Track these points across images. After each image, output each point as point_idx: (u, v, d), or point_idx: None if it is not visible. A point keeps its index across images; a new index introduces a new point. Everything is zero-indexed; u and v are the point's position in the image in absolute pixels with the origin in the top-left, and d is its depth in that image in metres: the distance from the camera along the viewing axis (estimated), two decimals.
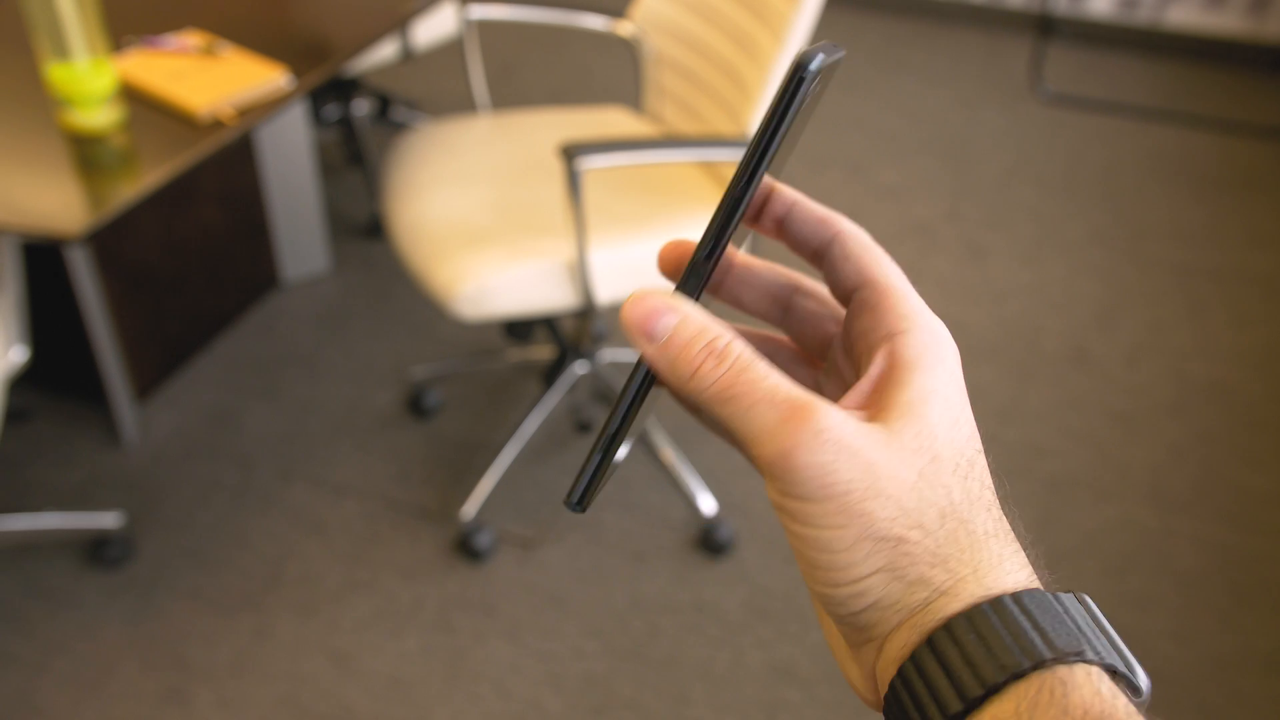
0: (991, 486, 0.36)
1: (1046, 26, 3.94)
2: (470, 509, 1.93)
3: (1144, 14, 3.86)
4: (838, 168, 3.10)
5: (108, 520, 1.85)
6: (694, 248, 0.37)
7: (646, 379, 0.37)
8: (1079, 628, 0.33)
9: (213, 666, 1.70)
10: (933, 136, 3.29)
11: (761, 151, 0.36)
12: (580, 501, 0.37)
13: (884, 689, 0.35)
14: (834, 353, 0.42)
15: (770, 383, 0.34)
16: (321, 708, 1.65)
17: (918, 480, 0.34)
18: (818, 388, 0.42)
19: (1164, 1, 3.82)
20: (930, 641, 0.33)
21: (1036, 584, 0.35)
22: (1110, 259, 2.76)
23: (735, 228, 0.36)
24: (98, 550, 1.84)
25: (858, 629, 0.35)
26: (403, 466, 2.06)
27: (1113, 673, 0.32)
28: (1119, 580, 1.90)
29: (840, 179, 3.03)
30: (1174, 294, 2.64)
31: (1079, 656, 0.31)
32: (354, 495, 2.00)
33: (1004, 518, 0.36)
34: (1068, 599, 0.34)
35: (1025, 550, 0.36)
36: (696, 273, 0.37)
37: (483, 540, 1.89)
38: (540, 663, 1.73)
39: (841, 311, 0.41)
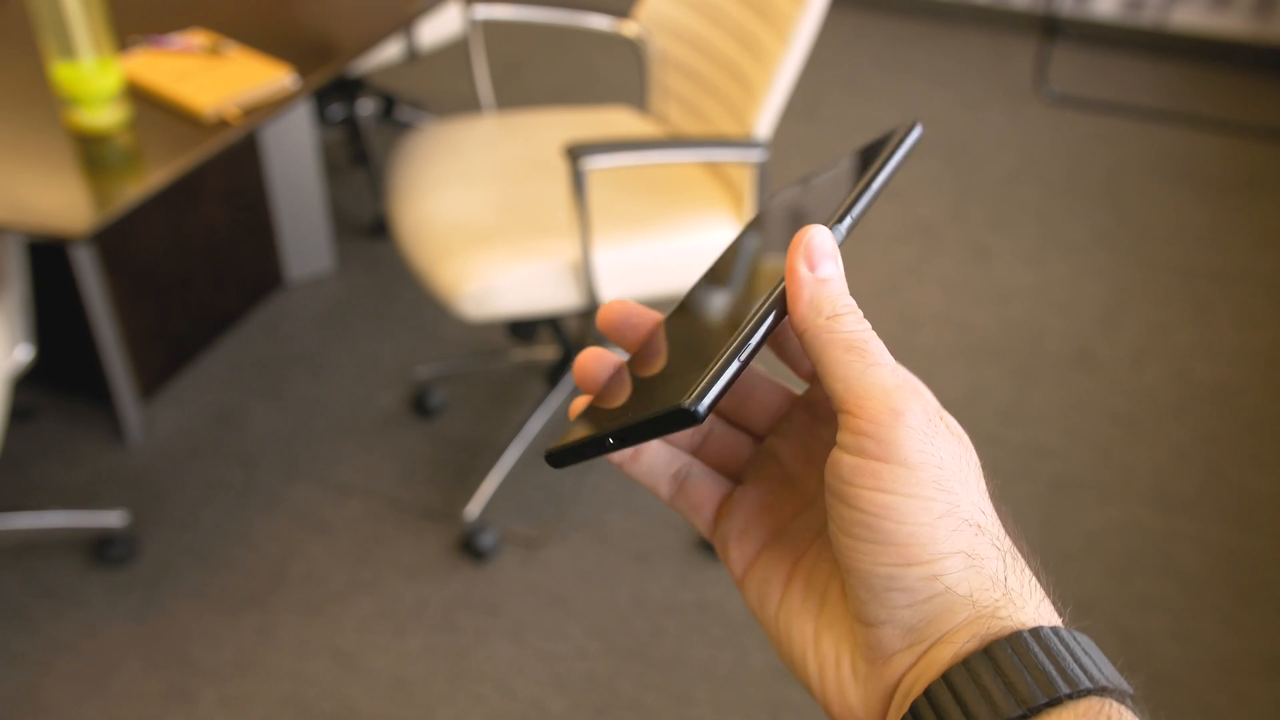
0: None
1: (1051, 27, 3.94)
2: (474, 509, 1.93)
3: (1149, 15, 3.86)
4: None
5: (112, 519, 1.85)
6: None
7: (781, 306, 0.38)
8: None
9: (216, 665, 1.70)
10: (937, 137, 3.29)
11: (874, 176, 0.41)
12: (708, 408, 0.35)
13: (908, 701, 0.34)
14: (773, 442, 0.44)
15: (894, 360, 0.37)
16: (325, 707, 1.65)
17: (986, 491, 0.36)
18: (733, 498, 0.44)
19: (1169, 2, 3.82)
20: (989, 650, 0.33)
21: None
22: (1114, 260, 2.75)
23: (854, 226, 0.41)
24: (102, 549, 1.85)
25: (908, 629, 0.35)
26: (406, 466, 2.06)
27: None
28: (1122, 582, 1.90)
29: None
30: (1178, 295, 2.63)
31: (1126, 696, 0.33)
32: (358, 495, 2.00)
33: None
34: None
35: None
36: (836, 231, 0.39)
37: (486, 540, 1.89)
38: (543, 663, 1.73)
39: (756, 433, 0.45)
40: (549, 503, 2.01)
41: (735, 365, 0.36)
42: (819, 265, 0.37)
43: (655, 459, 0.42)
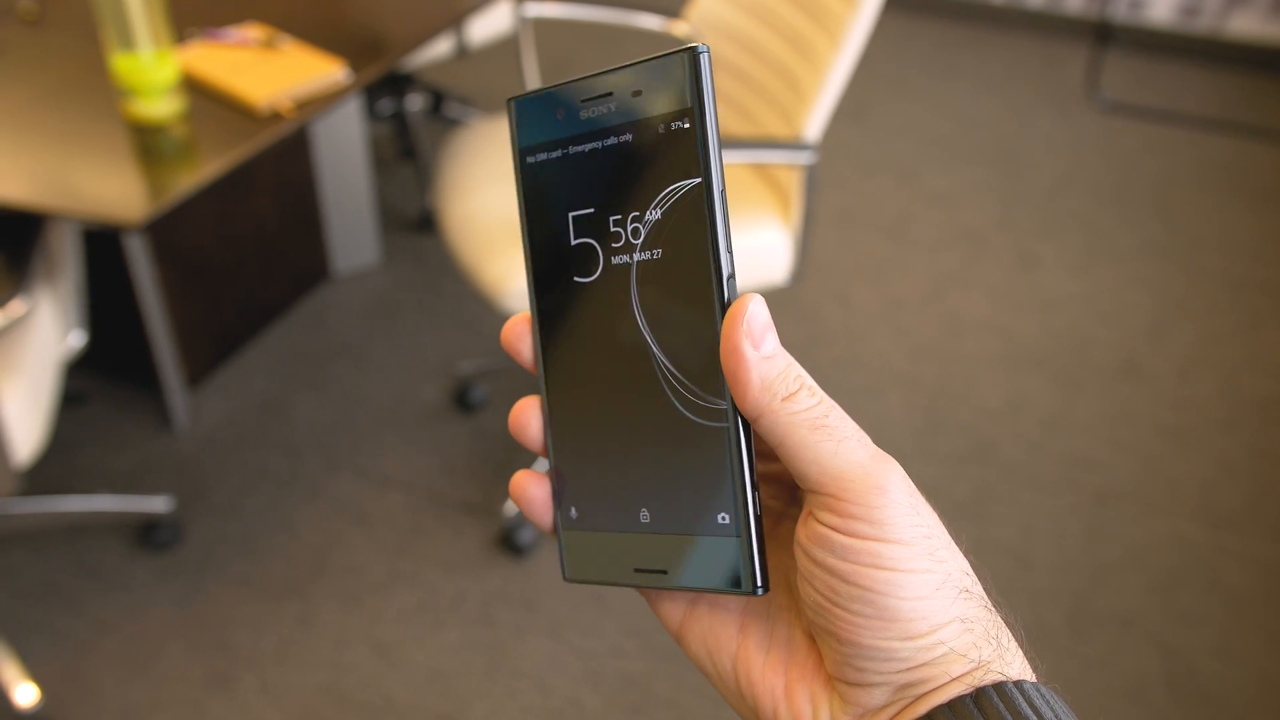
0: None
1: (1104, 34, 3.89)
2: (513, 505, 1.94)
3: (1205, 22, 3.80)
4: (887, 173, 3.08)
5: (158, 504, 1.88)
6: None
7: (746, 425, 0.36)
8: None
9: (257, 652, 1.72)
10: (984, 143, 3.26)
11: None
12: (765, 584, 0.36)
13: None
14: None
15: (856, 426, 0.35)
16: (362, 697, 1.67)
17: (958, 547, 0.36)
18: None
19: (1226, 10, 3.76)
20: (976, 696, 0.33)
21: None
22: (1162, 271, 2.72)
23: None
24: (147, 533, 1.88)
25: (899, 687, 0.34)
26: (447, 460, 2.08)
27: None
28: (1165, 596, 1.87)
29: (890, 184, 3.02)
30: (1227, 307, 2.59)
31: None
32: (399, 487, 2.01)
33: None
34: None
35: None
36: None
37: (525, 536, 1.90)
38: (579, 660, 1.74)
39: None
40: None
41: (755, 519, 0.36)
42: (763, 342, 0.34)
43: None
